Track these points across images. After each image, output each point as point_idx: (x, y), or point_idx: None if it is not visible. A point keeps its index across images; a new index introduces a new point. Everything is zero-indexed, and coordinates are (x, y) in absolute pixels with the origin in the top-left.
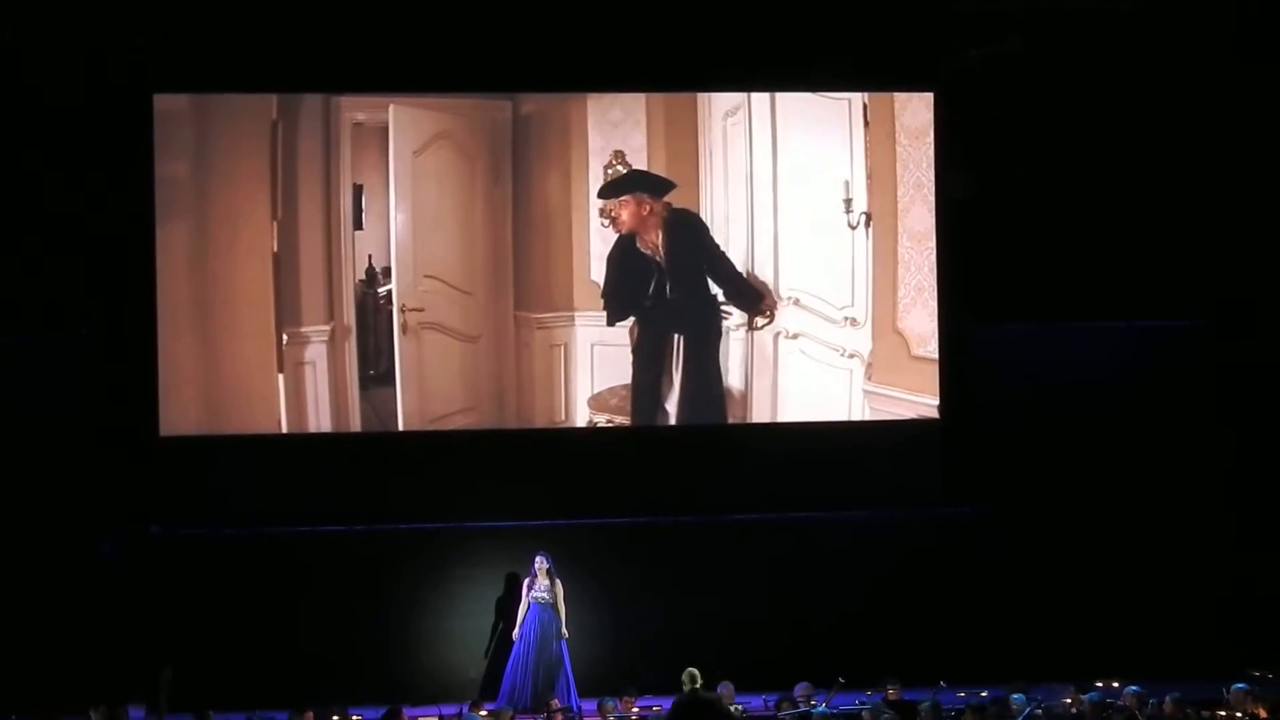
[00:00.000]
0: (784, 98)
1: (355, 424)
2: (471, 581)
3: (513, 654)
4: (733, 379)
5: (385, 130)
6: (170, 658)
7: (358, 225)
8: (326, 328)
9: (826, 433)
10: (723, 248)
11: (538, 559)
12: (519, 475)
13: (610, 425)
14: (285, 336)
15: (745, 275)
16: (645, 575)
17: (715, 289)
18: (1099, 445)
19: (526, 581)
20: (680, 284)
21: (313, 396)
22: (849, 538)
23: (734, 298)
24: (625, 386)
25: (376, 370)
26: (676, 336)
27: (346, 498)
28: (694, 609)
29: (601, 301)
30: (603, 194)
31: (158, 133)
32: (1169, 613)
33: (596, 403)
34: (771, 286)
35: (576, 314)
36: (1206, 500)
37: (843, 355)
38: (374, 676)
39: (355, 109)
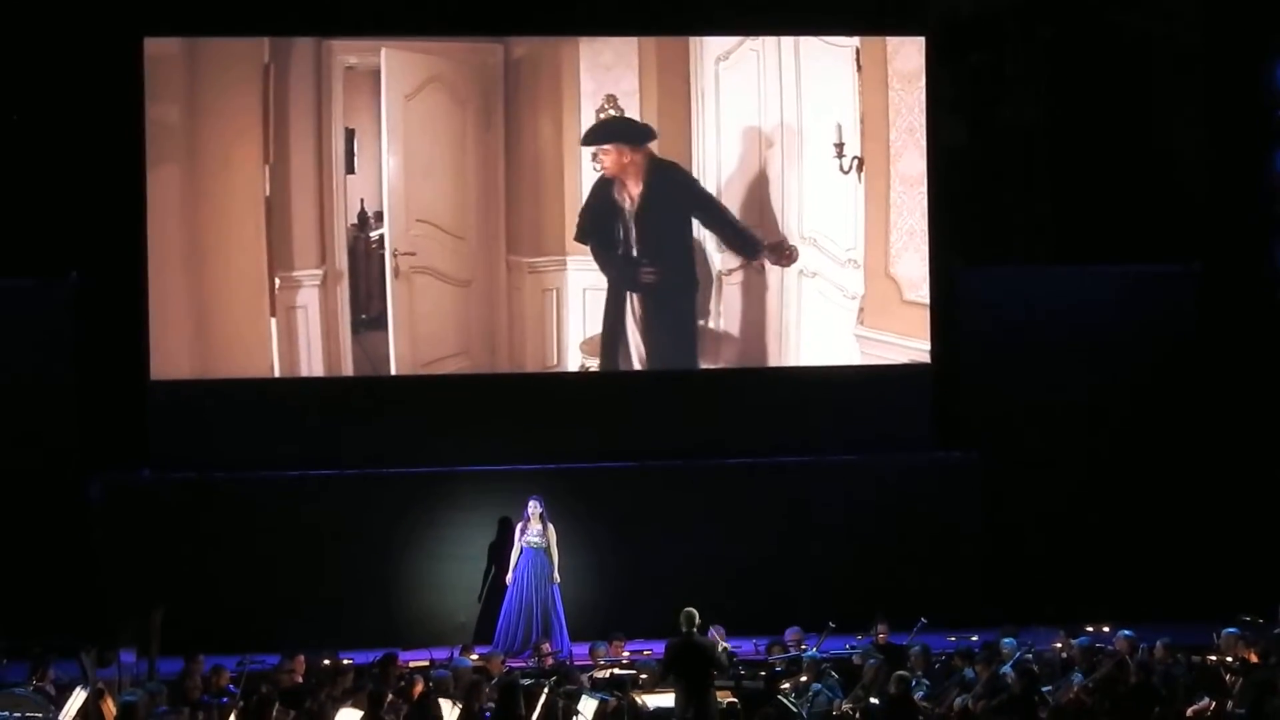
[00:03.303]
0: (776, 42)
1: (348, 368)
2: (463, 526)
3: (505, 599)
4: (727, 323)
5: (377, 74)
6: (161, 601)
7: (350, 170)
8: (318, 272)
9: (819, 377)
10: (716, 192)
11: (530, 503)
12: (511, 419)
13: (600, 371)
14: (277, 281)
15: (739, 222)
16: (636, 519)
17: (702, 237)
18: (1089, 390)
19: (519, 526)
20: (653, 234)
21: (304, 341)
22: (839, 482)
23: (731, 242)
24: None
25: (368, 314)
26: (645, 283)
27: (338, 442)
28: (684, 553)
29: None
30: (584, 141)
31: (149, 76)
32: (1159, 556)
33: (588, 347)
34: (784, 229)
35: (569, 258)
36: (1196, 444)
37: (846, 297)
38: (365, 621)
39: (347, 53)
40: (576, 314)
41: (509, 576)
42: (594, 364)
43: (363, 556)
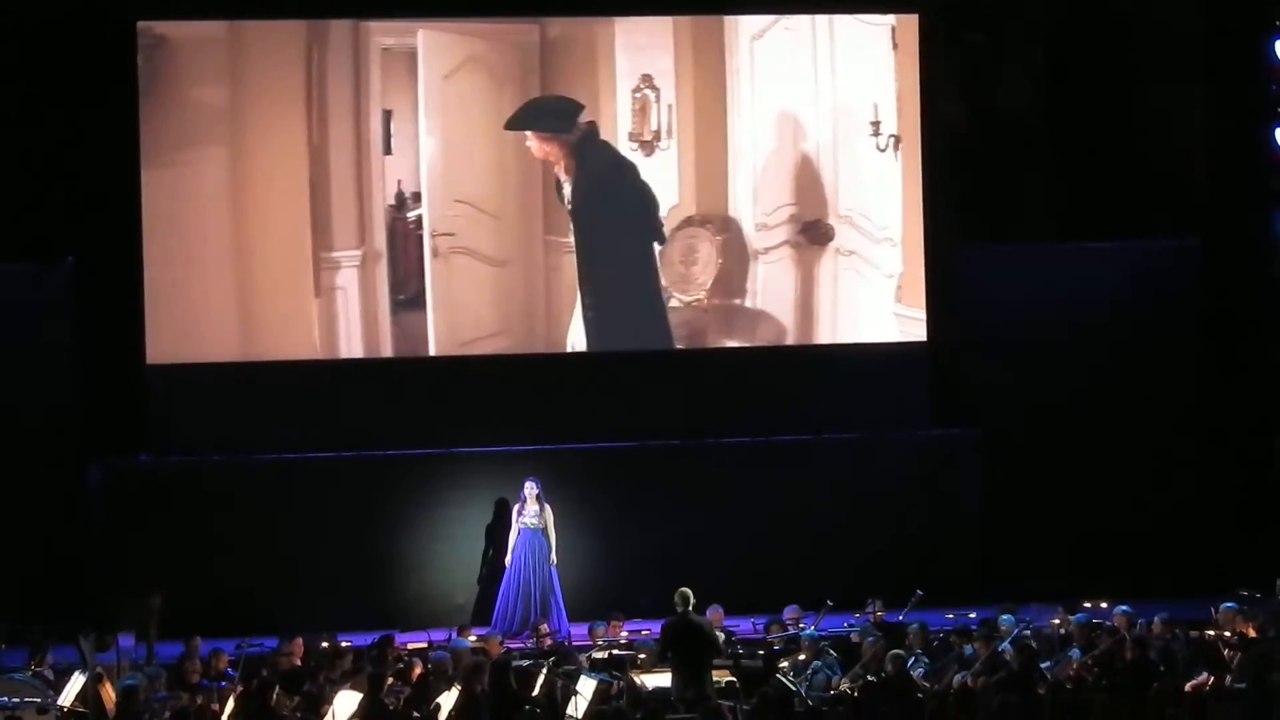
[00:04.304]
0: (810, 20)
1: (387, 349)
2: (459, 507)
3: (503, 580)
4: (764, 301)
5: (413, 55)
6: (159, 586)
7: (387, 150)
8: (357, 253)
9: (818, 357)
10: (753, 171)
11: (526, 484)
12: (507, 400)
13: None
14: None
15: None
16: (634, 499)
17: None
18: (1089, 368)
19: (516, 507)
20: (592, 212)
21: (344, 322)
22: (839, 461)
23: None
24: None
25: (406, 295)
26: (595, 261)
27: (336, 425)
28: (682, 533)
29: None
30: (507, 126)
31: (189, 59)
32: (1157, 532)
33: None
34: (830, 205)
35: None
36: (1195, 419)
37: (884, 275)
38: (363, 603)
39: (383, 34)
40: None
41: (507, 558)
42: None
43: (360, 539)
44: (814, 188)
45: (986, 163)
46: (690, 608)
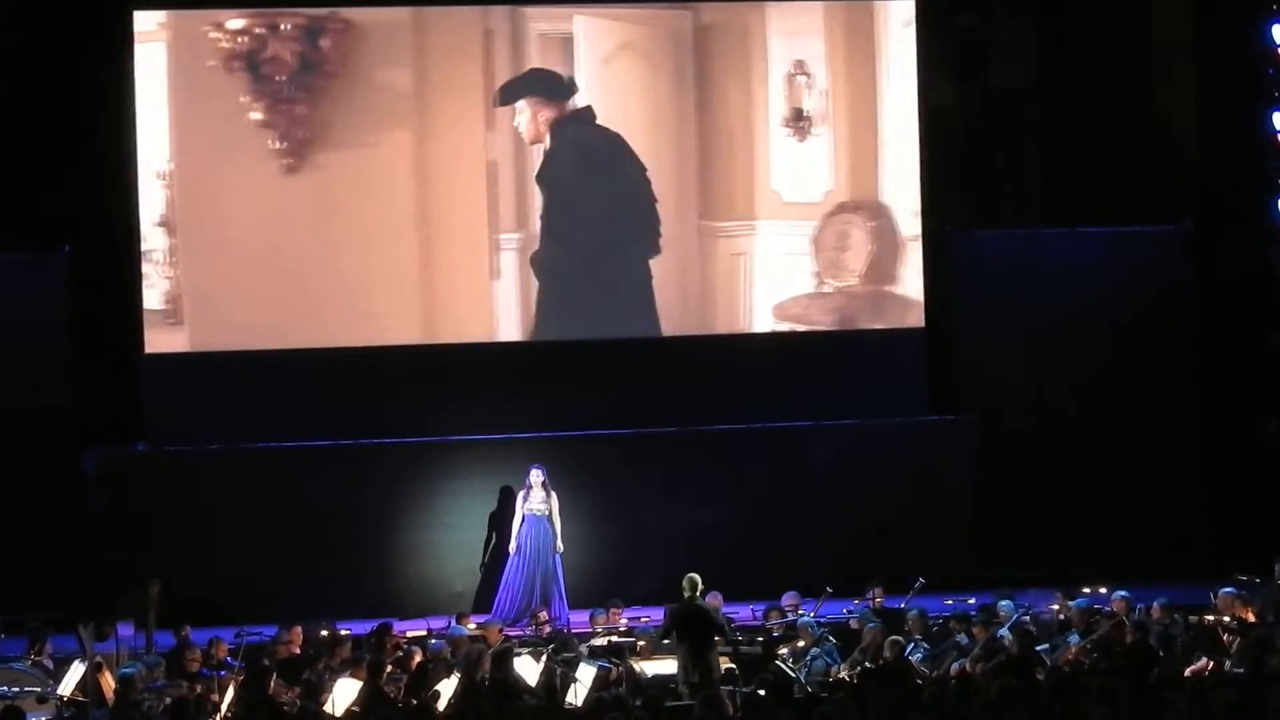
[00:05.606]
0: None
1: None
2: (458, 495)
3: (507, 567)
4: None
5: (568, 41)
6: (158, 574)
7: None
8: (517, 235)
9: (814, 342)
10: (900, 151)
11: (532, 471)
12: (505, 388)
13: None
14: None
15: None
16: (632, 486)
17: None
18: (1083, 352)
19: (521, 494)
20: (580, 190)
21: (503, 305)
22: (835, 447)
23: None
24: (807, 296)
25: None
26: (584, 248)
27: (335, 412)
28: (681, 520)
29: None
30: (500, 102)
31: (373, 43)
32: (1155, 517)
33: (780, 311)
34: None
35: (759, 222)
36: (1190, 403)
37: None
38: (361, 592)
39: (540, 20)
40: (765, 278)
41: (512, 545)
42: (785, 327)
43: (357, 527)
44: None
45: (977, 147)
46: (698, 593)
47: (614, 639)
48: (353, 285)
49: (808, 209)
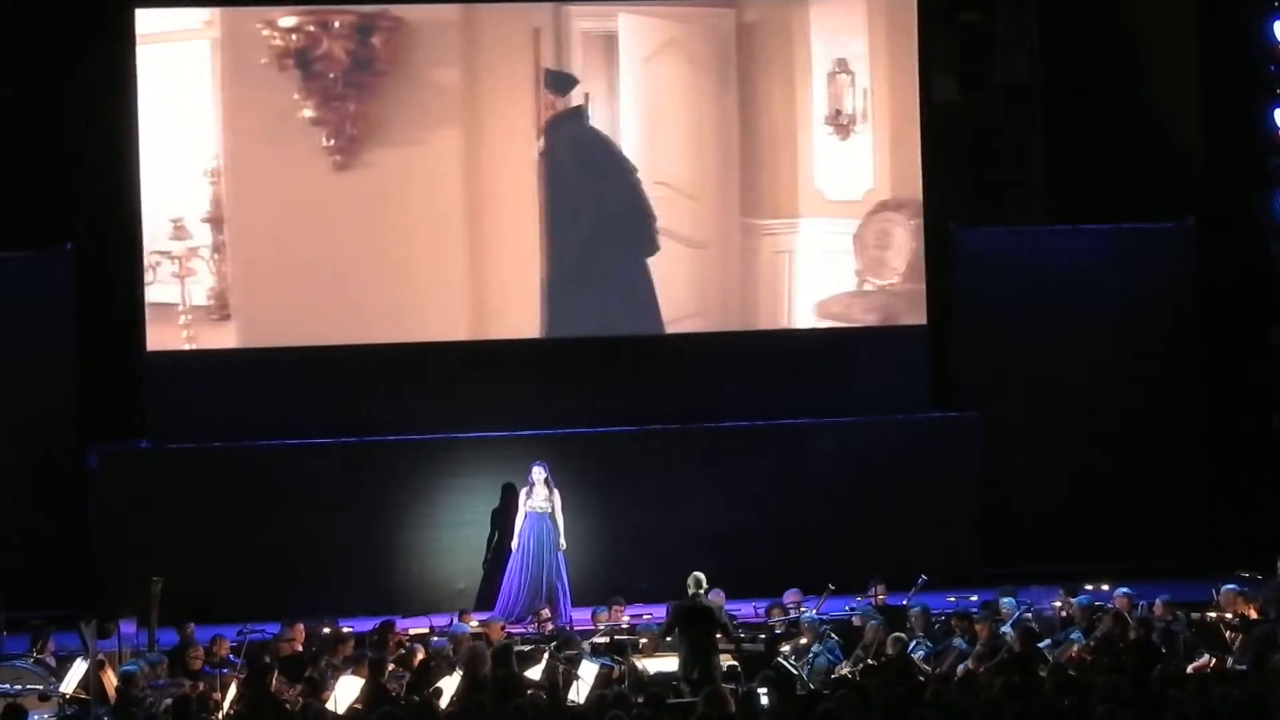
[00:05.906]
0: None
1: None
2: (460, 492)
3: (509, 565)
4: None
5: (611, 38)
6: (160, 572)
7: None
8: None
9: (817, 340)
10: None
11: (534, 468)
12: (505, 386)
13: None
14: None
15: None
16: (634, 484)
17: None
18: (1086, 349)
19: (524, 492)
20: (578, 183)
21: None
22: (838, 444)
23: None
24: (848, 294)
25: None
26: (593, 244)
27: (337, 410)
28: (683, 517)
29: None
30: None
31: (423, 41)
32: (1158, 514)
33: (821, 309)
34: None
35: (801, 220)
36: (1193, 400)
37: None
38: (364, 589)
39: (583, 17)
40: (808, 275)
41: (514, 542)
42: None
43: (360, 524)
44: None
45: (980, 144)
46: (703, 591)
47: (616, 636)
48: (393, 282)
49: (850, 207)
